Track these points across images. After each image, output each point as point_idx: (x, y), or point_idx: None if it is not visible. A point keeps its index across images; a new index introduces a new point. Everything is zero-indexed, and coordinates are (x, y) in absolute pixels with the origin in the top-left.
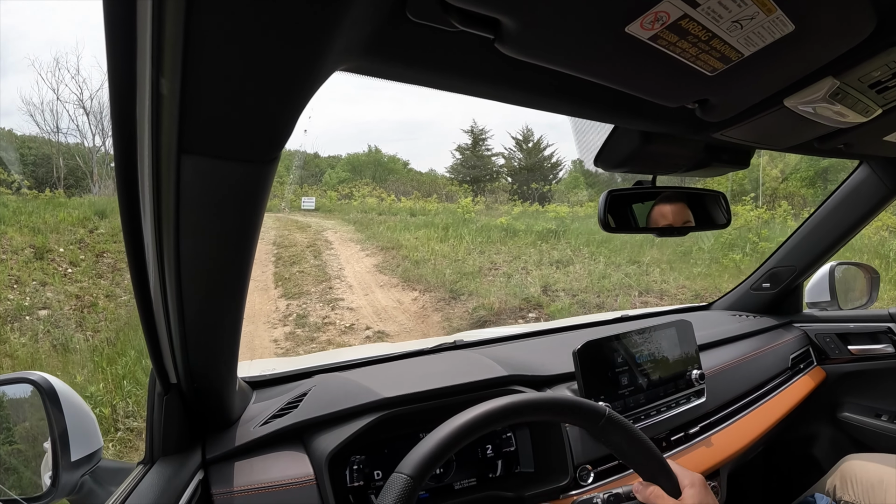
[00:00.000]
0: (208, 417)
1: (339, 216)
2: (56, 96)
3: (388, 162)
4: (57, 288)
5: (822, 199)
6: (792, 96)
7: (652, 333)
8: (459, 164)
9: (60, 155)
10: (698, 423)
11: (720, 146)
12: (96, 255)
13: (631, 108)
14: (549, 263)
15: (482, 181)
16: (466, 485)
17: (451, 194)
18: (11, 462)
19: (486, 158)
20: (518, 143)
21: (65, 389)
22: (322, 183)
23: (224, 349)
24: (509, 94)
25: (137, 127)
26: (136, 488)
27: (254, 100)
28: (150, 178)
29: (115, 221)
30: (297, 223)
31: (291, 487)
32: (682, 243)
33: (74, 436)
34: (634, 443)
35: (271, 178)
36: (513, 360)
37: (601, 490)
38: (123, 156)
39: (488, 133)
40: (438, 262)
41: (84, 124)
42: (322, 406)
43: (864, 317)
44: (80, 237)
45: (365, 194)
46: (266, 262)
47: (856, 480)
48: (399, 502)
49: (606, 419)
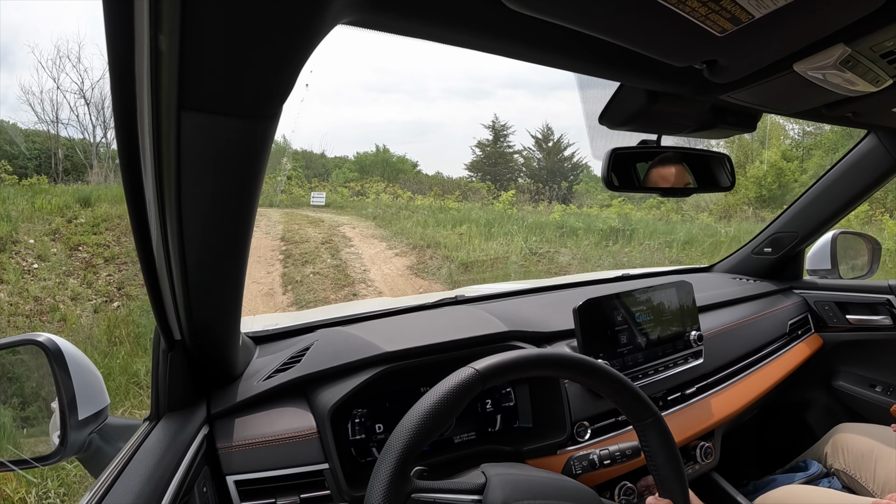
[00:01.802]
0: (212, 373)
1: (354, 212)
2: (56, 85)
3: (397, 162)
4: (13, 288)
5: (828, 167)
6: (802, 61)
7: (652, 293)
8: (480, 160)
9: (60, 146)
10: (695, 383)
11: (727, 108)
12: (70, 249)
13: (638, 66)
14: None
15: (503, 178)
16: (466, 438)
17: (472, 191)
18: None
19: (508, 155)
20: (538, 143)
21: (71, 349)
22: (330, 181)
23: (227, 304)
24: (515, 48)
25: (137, 85)
26: (142, 444)
27: (254, 54)
28: (151, 136)
29: (98, 210)
30: (307, 217)
31: (294, 441)
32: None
33: (81, 395)
34: (669, 453)
35: (272, 134)
36: (514, 315)
37: (597, 447)
38: (123, 114)
39: (510, 129)
40: (496, 264)
41: (84, 115)
42: (324, 360)
43: (863, 287)
44: (56, 227)
45: (378, 191)
46: (272, 260)
47: (846, 449)
48: (457, 388)
49: (654, 420)
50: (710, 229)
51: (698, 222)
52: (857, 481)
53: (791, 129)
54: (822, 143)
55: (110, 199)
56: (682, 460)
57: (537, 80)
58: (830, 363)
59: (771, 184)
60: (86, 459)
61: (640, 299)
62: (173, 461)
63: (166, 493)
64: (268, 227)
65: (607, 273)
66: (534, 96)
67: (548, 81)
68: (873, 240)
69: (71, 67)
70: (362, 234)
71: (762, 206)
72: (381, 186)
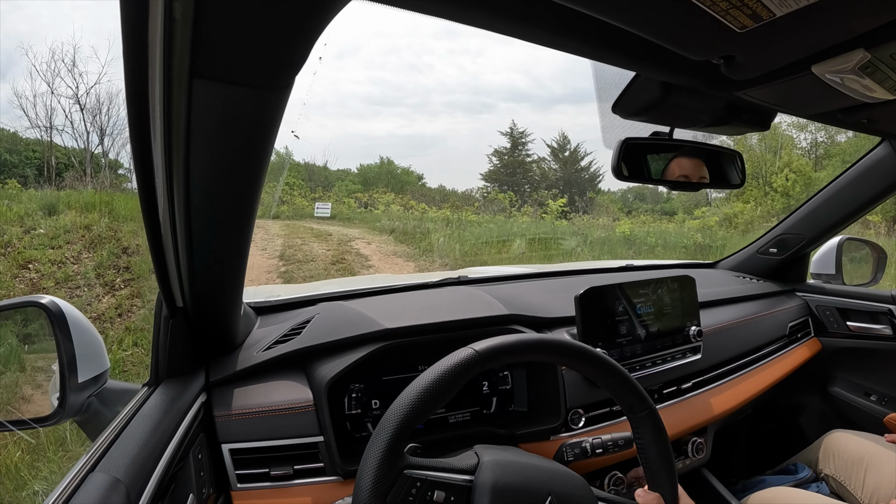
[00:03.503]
0: (213, 341)
1: (364, 224)
2: (51, 90)
3: (402, 174)
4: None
5: (839, 172)
6: (820, 63)
7: (655, 286)
8: (497, 169)
9: (53, 154)
10: (691, 379)
11: (742, 105)
12: (18, 267)
13: (654, 56)
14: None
15: (522, 188)
16: (461, 419)
17: (489, 202)
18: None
19: (528, 164)
20: (554, 152)
21: (73, 312)
22: (333, 192)
23: (230, 273)
24: (532, 31)
25: (149, 52)
26: (140, 409)
27: (268, 24)
28: (161, 103)
29: (63, 219)
30: (311, 230)
31: (291, 412)
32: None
33: (82, 358)
34: (661, 447)
35: (283, 105)
36: (515, 299)
37: (590, 435)
38: (135, 80)
39: (529, 136)
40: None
41: (79, 122)
42: (324, 334)
43: (866, 295)
44: (8, 240)
45: (388, 202)
46: (268, 283)
47: (837, 455)
48: (455, 368)
49: (649, 412)
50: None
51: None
52: (845, 488)
53: (799, 138)
54: (845, 149)
55: (80, 207)
56: (674, 455)
57: (539, 94)
58: (828, 368)
59: (799, 193)
60: (84, 422)
61: (643, 291)
62: (170, 427)
63: (162, 457)
64: (265, 241)
65: (611, 262)
66: (535, 110)
67: (550, 96)
68: (879, 248)
69: (66, 72)
70: (381, 251)
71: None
72: (391, 197)
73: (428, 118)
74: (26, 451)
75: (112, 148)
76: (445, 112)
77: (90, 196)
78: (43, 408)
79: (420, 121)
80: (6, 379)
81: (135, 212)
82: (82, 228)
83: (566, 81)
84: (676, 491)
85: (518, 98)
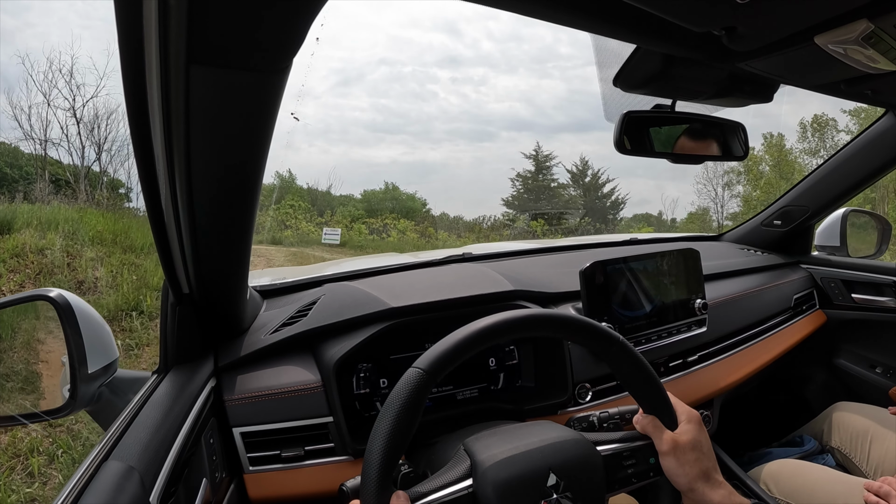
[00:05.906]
0: (220, 326)
1: (378, 253)
2: (47, 101)
3: (407, 200)
4: None
5: (843, 144)
6: (823, 34)
7: (659, 259)
8: (520, 194)
9: (47, 169)
10: (697, 352)
11: (744, 77)
12: None
13: (655, 28)
14: None
15: (548, 214)
16: (469, 395)
17: (514, 230)
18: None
19: (554, 190)
20: (574, 178)
21: (80, 304)
22: (336, 216)
23: (235, 257)
24: (528, 4)
25: (145, 39)
26: (151, 396)
27: (263, 7)
28: (159, 90)
29: (14, 240)
30: (322, 261)
31: (300, 394)
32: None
33: (91, 349)
34: (641, 373)
35: (282, 88)
36: (520, 275)
37: (598, 409)
38: (131, 68)
39: (554, 159)
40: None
41: (74, 136)
42: (331, 314)
43: (871, 267)
44: None
45: (403, 228)
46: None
47: (843, 428)
48: (412, 395)
49: (619, 346)
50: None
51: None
52: (850, 460)
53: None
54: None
55: (40, 225)
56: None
57: (542, 122)
58: (833, 341)
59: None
60: (96, 412)
61: (647, 264)
62: (181, 413)
63: (174, 443)
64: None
65: (616, 236)
66: (537, 139)
67: (552, 124)
68: (884, 220)
69: (63, 84)
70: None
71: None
72: (406, 224)
73: (430, 145)
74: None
75: (110, 165)
76: (448, 139)
77: (56, 212)
78: (55, 400)
79: (422, 148)
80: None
81: (108, 231)
82: (35, 253)
83: (568, 111)
84: (671, 408)
85: (520, 127)
